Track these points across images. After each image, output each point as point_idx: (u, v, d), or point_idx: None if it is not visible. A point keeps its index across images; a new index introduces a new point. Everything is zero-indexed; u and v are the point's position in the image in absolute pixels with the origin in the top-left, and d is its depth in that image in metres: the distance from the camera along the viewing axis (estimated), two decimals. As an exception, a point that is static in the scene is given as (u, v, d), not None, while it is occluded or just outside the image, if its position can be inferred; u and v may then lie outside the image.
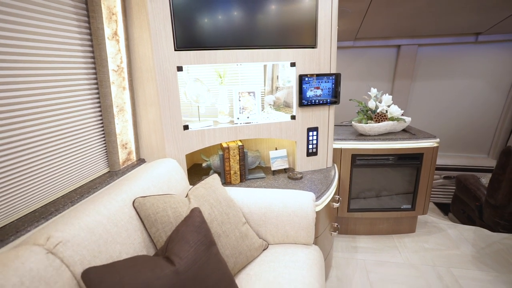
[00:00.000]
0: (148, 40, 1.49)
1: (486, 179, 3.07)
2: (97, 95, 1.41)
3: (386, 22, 3.12)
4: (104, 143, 1.47)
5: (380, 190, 2.26)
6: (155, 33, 1.47)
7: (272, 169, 1.89)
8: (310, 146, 1.91)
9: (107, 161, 1.50)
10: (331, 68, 1.79)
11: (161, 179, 1.35)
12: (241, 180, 1.78)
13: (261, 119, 1.84)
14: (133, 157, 1.65)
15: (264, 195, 1.45)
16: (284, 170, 1.95)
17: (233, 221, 1.25)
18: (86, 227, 0.92)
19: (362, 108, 2.26)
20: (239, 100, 1.77)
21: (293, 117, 1.84)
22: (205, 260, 0.94)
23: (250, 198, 1.44)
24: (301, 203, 1.39)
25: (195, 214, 1.03)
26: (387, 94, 2.22)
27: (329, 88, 1.80)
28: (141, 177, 1.28)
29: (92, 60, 1.36)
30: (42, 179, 1.13)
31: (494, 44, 3.50)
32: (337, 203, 1.78)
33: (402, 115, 2.25)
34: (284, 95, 1.98)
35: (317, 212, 1.50)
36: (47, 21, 1.12)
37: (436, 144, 2.08)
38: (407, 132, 2.28)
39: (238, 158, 1.73)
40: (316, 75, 1.76)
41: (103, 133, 1.46)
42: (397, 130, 2.27)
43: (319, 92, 1.79)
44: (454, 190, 3.43)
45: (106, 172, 1.49)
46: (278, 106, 2.05)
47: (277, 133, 1.82)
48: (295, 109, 1.83)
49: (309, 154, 1.92)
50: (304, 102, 1.78)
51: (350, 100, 2.40)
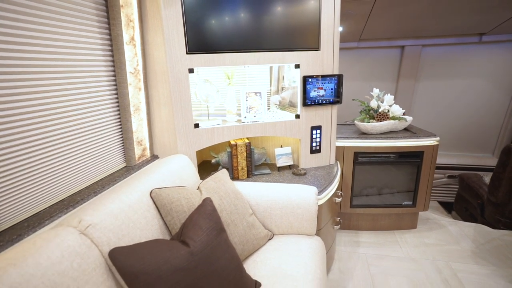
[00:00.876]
0: (162, 44, 1.60)
1: (489, 177, 3.12)
2: (115, 96, 1.53)
3: (390, 24, 3.19)
4: (122, 140, 1.59)
5: (382, 187, 2.34)
6: (168, 37, 1.58)
7: (278, 165, 1.99)
8: (314, 144, 2.00)
9: (124, 156, 1.62)
10: (333, 70, 1.88)
11: (174, 173, 1.46)
12: (248, 176, 1.89)
13: (267, 118, 1.94)
14: (147, 153, 1.77)
15: (269, 189, 1.55)
16: (289, 167, 2.05)
17: (241, 212, 1.36)
18: (111, 213, 1.03)
19: (364, 107, 2.35)
20: (246, 100, 1.87)
21: (297, 116, 1.93)
22: (216, 244, 1.05)
23: (256, 191, 1.54)
24: (304, 197, 1.48)
25: (207, 203, 1.14)
26: (388, 94, 2.30)
27: (331, 89, 1.89)
28: (156, 171, 1.40)
29: (112, 63, 1.48)
30: (69, 171, 1.25)
31: (498, 44, 3.54)
32: (339, 198, 1.87)
33: (403, 115, 2.33)
34: (290, 95, 2.07)
35: (319, 206, 1.59)
36: (74, 29, 1.24)
37: (436, 143, 2.15)
38: (408, 131, 2.35)
39: (245, 155, 1.84)
40: (320, 76, 1.86)
41: (121, 131, 1.58)
42: (398, 129, 2.34)
43: (322, 92, 1.88)
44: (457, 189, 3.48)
45: (123, 167, 1.61)
46: (283, 105, 2.15)
47: (282, 131, 1.92)
48: (299, 109, 1.92)
49: (312, 152, 2.02)
50: (308, 102, 1.88)
51: (353, 100, 2.48)
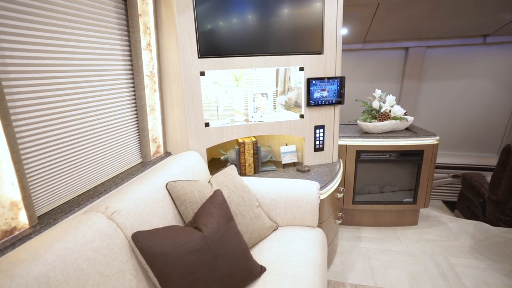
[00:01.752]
0: (175, 49, 1.73)
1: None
2: (133, 97, 1.66)
3: (394, 26, 3.27)
4: (138, 138, 1.73)
5: (383, 184, 2.44)
6: (181, 43, 1.71)
7: (283, 162, 2.10)
8: (317, 142, 2.11)
9: (140, 153, 1.76)
10: (336, 72, 1.99)
11: (187, 168, 1.59)
12: (255, 172, 2.00)
13: (273, 117, 2.05)
14: (161, 150, 1.90)
15: (274, 183, 1.67)
16: (294, 164, 2.16)
17: (248, 203, 1.48)
18: (133, 202, 1.16)
19: (367, 108, 2.44)
20: (253, 101, 1.99)
21: (301, 116, 2.04)
22: (226, 230, 1.17)
23: (262, 185, 1.66)
24: (307, 191, 1.60)
25: (218, 194, 1.26)
26: (390, 95, 2.38)
27: (334, 90, 2.00)
28: (170, 166, 1.52)
29: (131, 67, 1.62)
30: (93, 166, 1.39)
31: (502, 46, 3.57)
32: (340, 194, 1.97)
33: (405, 115, 2.42)
34: (295, 95, 2.18)
35: (321, 200, 1.70)
36: (99, 37, 1.38)
37: (436, 142, 2.24)
38: (409, 131, 2.44)
39: (252, 152, 1.95)
40: (323, 78, 1.96)
41: (138, 129, 1.72)
42: (400, 129, 2.43)
43: (325, 93, 1.99)
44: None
45: (140, 162, 1.75)
46: (289, 106, 2.26)
47: (287, 130, 2.03)
48: (303, 109, 2.03)
49: (316, 150, 2.13)
50: (311, 102, 1.99)
51: (356, 100, 2.57)
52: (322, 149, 2.13)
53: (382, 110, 2.36)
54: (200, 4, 1.68)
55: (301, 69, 1.94)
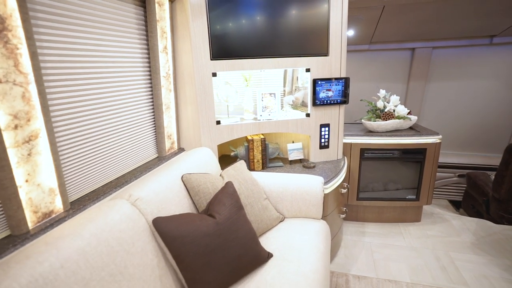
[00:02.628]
0: (189, 51, 1.86)
1: (495, 176, 3.21)
2: (151, 96, 1.79)
3: (400, 27, 3.33)
4: (155, 134, 1.86)
5: (387, 182, 2.52)
6: (195, 46, 1.83)
7: (289, 159, 2.21)
8: (323, 140, 2.21)
9: (156, 148, 1.89)
10: (341, 73, 2.08)
11: (200, 162, 1.71)
12: (263, 168, 2.12)
13: (280, 116, 2.16)
14: (175, 146, 2.03)
15: (281, 177, 1.78)
16: (300, 160, 2.26)
17: (256, 196, 1.59)
18: (153, 190, 1.29)
19: (371, 107, 2.52)
20: (262, 100, 2.10)
21: (307, 115, 2.14)
22: (236, 218, 1.29)
23: (270, 179, 1.77)
24: (312, 185, 1.70)
25: (229, 185, 1.38)
26: (394, 95, 2.46)
27: (339, 90, 2.09)
28: (184, 161, 1.65)
29: (148, 69, 1.75)
30: (115, 159, 1.53)
31: (509, 46, 3.60)
32: (344, 189, 2.07)
33: (409, 114, 2.49)
34: (303, 95, 2.28)
35: (325, 194, 1.80)
36: (121, 42, 1.51)
37: (438, 140, 2.31)
38: (413, 130, 2.51)
39: (260, 149, 2.06)
40: (328, 79, 2.06)
41: (154, 126, 1.85)
42: (403, 128, 2.51)
43: (330, 93, 2.09)
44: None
45: (156, 157, 1.88)
46: (296, 105, 2.35)
47: (294, 128, 2.14)
48: (309, 108, 2.13)
49: (321, 147, 2.22)
50: (317, 102, 2.09)
51: (361, 100, 2.66)
52: (327, 146, 2.23)
53: (386, 110, 2.44)
54: (212, 9, 1.80)
55: (308, 70, 2.04)
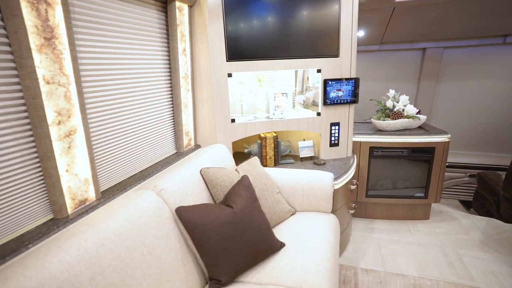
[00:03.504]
0: (206, 53, 1.97)
1: (507, 176, 3.21)
2: (171, 95, 1.91)
3: (411, 28, 3.36)
4: (174, 131, 1.98)
5: (396, 179, 2.57)
6: (212, 48, 1.94)
7: (300, 156, 2.30)
8: (333, 138, 2.29)
9: (175, 144, 2.01)
10: (351, 73, 2.16)
11: (216, 158, 1.82)
12: (275, 164, 2.21)
13: (292, 115, 2.25)
14: (192, 142, 2.14)
15: (293, 173, 1.87)
16: (310, 158, 2.35)
17: (269, 189, 1.69)
18: (175, 183, 1.40)
19: (381, 107, 2.59)
20: (274, 99, 2.20)
21: (318, 114, 2.23)
22: (252, 208, 1.39)
23: (282, 175, 1.87)
24: (322, 180, 1.79)
25: (245, 178, 1.48)
26: (404, 95, 2.52)
27: (349, 90, 2.17)
28: (202, 156, 1.76)
29: (169, 70, 1.87)
30: (138, 154, 1.65)
31: (522, 46, 3.58)
32: (354, 186, 2.14)
33: (418, 113, 2.54)
34: (313, 95, 2.37)
35: (335, 190, 1.88)
36: (145, 45, 1.63)
37: (447, 139, 2.35)
38: (422, 129, 2.56)
39: (273, 146, 2.16)
40: (338, 79, 2.14)
41: (173, 124, 1.97)
42: (412, 127, 2.56)
43: (340, 93, 2.17)
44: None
45: (175, 153, 2.00)
46: (307, 104, 2.44)
47: (305, 126, 2.23)
48: (320, 107, 2.22)
49: (331, 145, 2.30)
50: (328, 101, 2.17)
51: (371, 100, 2.72)
52: (337, 144, 2.31)
53: (395, 109, 2.50)
54: (228, 14, 1.90)
55: (319, 71, 2.13)
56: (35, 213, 1.10)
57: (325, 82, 2.13)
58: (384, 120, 2.47)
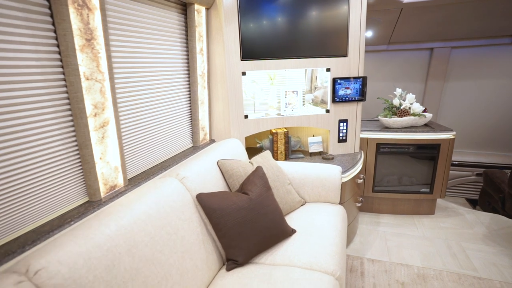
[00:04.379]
0: (222, 53, 2.09)
1: (513, 174, 3.25)
2: (188, 92, 2.04)
3: (418, 28, 3.43)
4: (191, 126, 2.11)
5: (402, 175, 2.66)
6: (227, 48, 2.06)
7: (310, 151, 2.40)
8: (341, 134, 2.39)
9: (192, 138, 2.14)
10: (359, 72, 2.25)
11: (231, 151, 1.94)
12: (285, 158, 2.32)
13: (302, 112, 2.36)
14: (207, 137, 2.27)
15: (303, 166, 1.98)
16: (319, 153, 2.45)
17: (281, 180, 1.80)
18: (195, 172, 1.52)
19: (388, 105, 2.67)
20: (285, 97, 2.31)
21: (327, 111, 2.33)
22: (266, 196, 1.50)
23: (293, 168, 1.97)
24: (331, 172, 1.89)
25: (259, 169, 1.60)
26: (410, 93, 2.60)
27: (357, 88, 2.27)
28: (217, 149, 1.88)
29: (187, 68, 1.99)
30: (160, 146, 1.78)
31: (530, 46, 3.61)
32: (360, 180, 2.24)
33: (424, 111, 2.62)
34: (322, 94, 2.47)
35: (343, 183, 1.98)
36: (166, 45, 1.76)
37: (452, 137, 2.43)
38: (428, 126, 2.64)
39: (283, 141, 2.27)
40: (347, 78, 2.24)
41: (191, 119, 2.09)
42: (418, 125, 2.64)
43: (349, 91, 2.26)
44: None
45: (191, 147, 2.13)
46: (316, 103, 2.55)
47: (314, 123, 2.33)
48: (329, 104, 2.32)
49: (340, 141, 2.40)
50: (336, 99, 2.27)
51: (378, 98, 2.81)
52: (345, 140, 2.41)
53: (402, 107, 2.58)
54: (243, 16, 2.02)
55: (328, 69, 2.23)
56: (74, 196, 1.24)
57: (334, 81, 2.22)
58: (391, 118, 2.56)
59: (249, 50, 2.10)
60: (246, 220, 1.39)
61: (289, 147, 2.32)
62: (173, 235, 1.22)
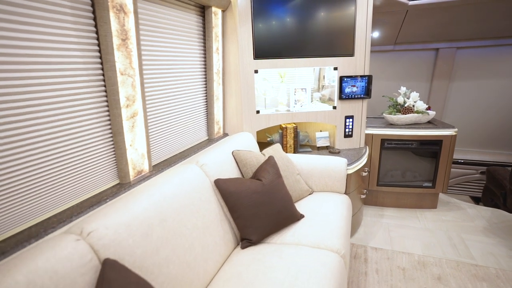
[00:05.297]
0: (236, 52, 2.23)
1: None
2: (205, 88, 2.19)
3: (424, 29, 3.53)
4: (207, 120, 2.26)
5: (405, 170, 2.77)
6: (241, 47, 2.21)
7: (317, 145, 2.54)
8: (347, 130, 2.51)
9: (207, 132, 2.29)
10: (365, 71, 2.38)
11: (244, 143, 2.08)
12: (294, 152, 2.46)
13: (310, 108, 2.49)
14: (221, 131, 2.42)
15: (311, 158, 2.11)
16: (326, 147, 2.58)
17: (290, 170, 1.94)
18: (213, 160, 1.67)
19: (392, 103, 2.79)
20: (295, 94, 2.44)
21: (334, 107, 2.46)
22: (277, 183, 1.64)
23: (301, 160, 2.11)
24: (337, 164, 2.02)
25: (271, 158, 1.74)
26: (414, 92, 2.71)
27: (363, 86, 2.39)
28: (231, 142, 2.02)
29: (204, 66, 2.15)
30: (179, 137, 1.94)
31: (536, 46, 3.68)
32: (365, 173, 2.36)
33: (428, 109, 2.73)
34: (329, 92, 2.60)
35: (348, 174, 2.11)
36: (185, 44, 1.92)
37: (454, 133, 2.54)
38: (431, 124, 2.75)
39: (292, 136, 2.41)
40: (353, 76, 2.36)
41: (206, 113, 2.25)
42: (422, 122, 2.75)
43: (355, 89, 2.39)
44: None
45: (206, 139, 2.28)
46: (323, 101, 2.68)
47: (322, 118, 2.46)
48: (336, 101, 2.45)
49: (346, 136, 2.53)
50: (343, 96, 2.40)
51: (383, 96, 2.92)
52: (351, 135, 2.53)
53: (406, 105, 2.70)
54: (256, 18, 2.16)
55: (335, 68, 2.36)
56: (107, 177, 1.40)
57: (341, 79, 2.35)
58: (395, 115, 2.67)
59: (261, 50, 2.24)
60: (259, 203, 1.54)
61: (298, 141, 2.45)
62: (196, 213, 1.37)
